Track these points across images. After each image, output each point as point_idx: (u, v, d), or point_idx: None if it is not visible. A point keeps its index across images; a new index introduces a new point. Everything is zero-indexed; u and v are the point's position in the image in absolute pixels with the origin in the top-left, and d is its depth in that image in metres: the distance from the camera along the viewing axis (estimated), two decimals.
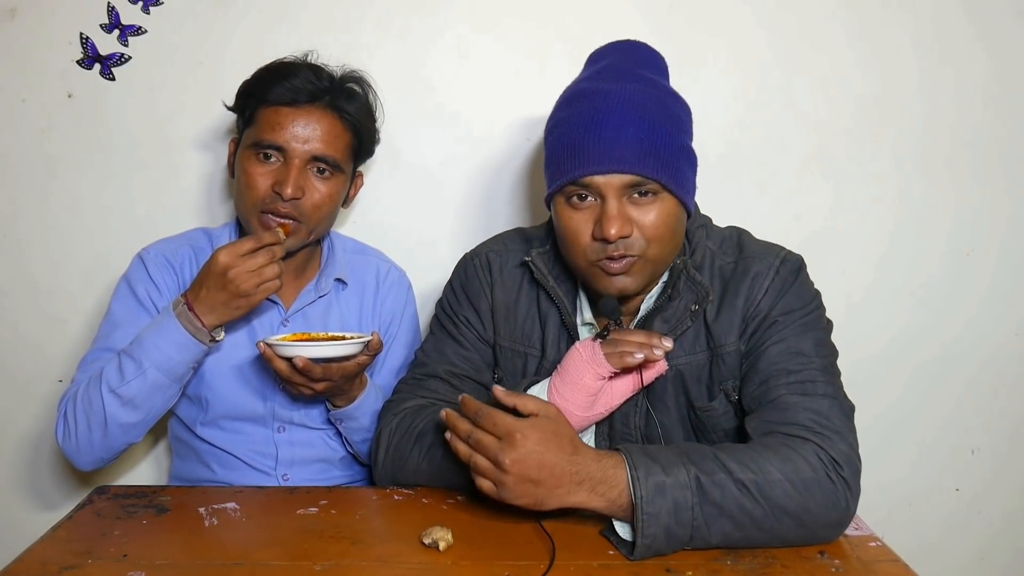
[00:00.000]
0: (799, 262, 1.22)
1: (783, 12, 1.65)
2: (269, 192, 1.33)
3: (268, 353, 1.24)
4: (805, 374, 1.12)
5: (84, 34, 1.61)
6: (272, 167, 1.34)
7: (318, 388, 1.27)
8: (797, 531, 1.00)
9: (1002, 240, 1.74)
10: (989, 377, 1.79)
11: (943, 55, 1.67)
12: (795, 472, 1.00)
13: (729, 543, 1.00)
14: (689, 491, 0.97)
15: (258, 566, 0.97)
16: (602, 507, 1.00)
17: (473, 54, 1.66)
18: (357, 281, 1.51)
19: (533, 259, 1.26)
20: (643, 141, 1.10)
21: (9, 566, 0.97)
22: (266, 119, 1.34)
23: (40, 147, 1.65)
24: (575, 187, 1.13)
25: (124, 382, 1.25)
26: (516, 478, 0.98)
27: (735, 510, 0.98)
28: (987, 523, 1.84)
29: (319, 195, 1.36)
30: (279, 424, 1.44)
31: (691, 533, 0.97)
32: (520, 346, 1.29)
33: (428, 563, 0.98)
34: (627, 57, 1.21)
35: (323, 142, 1.34)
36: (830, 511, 1.01)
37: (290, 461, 1.45)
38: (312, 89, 1.34)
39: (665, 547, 0.97)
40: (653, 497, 0.96)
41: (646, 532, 0.96)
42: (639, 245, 1.13)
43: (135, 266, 1.43)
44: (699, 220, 1.26)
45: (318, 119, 1.34)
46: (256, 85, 1.37)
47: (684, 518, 0.97)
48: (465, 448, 1.02)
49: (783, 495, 0.99)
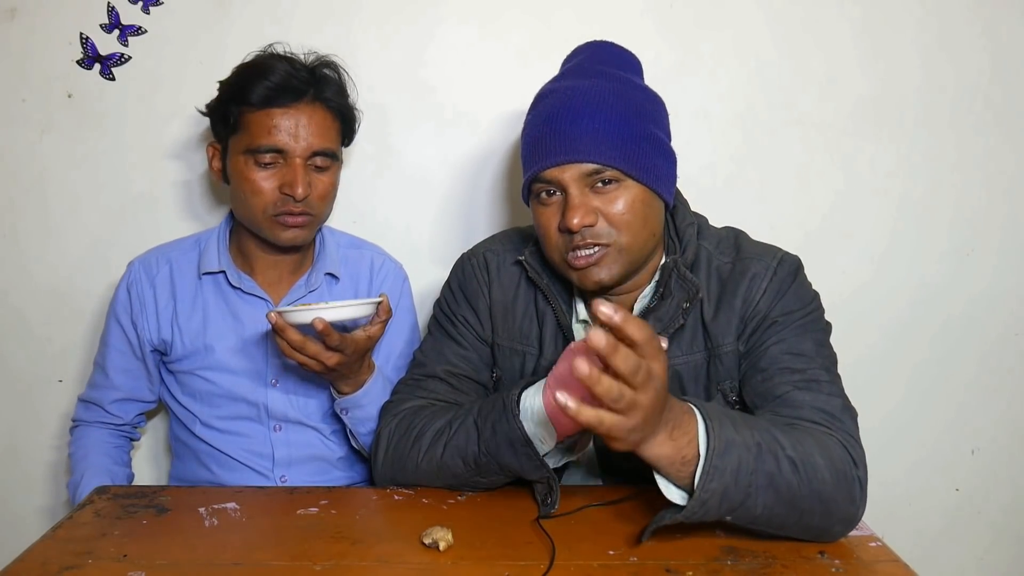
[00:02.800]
0: (797, 263, 1.22)
1: (785, 10, 1.65)
2: (277, 195, 1.34)
3: (280, 323, 1.18)
4: (810, 373, 1.12)
5: (84, 34, 1.61)
6: (273, 170, 1.34)
7: (331, 362, 1.23)
8: (820, 520, 1.00)
9: (1002, 240, 1.74)
10: (989, 377, 1.79)
11: (943, 55, 1.67)
12: (831, 461, 1.00)
13: (763, 520, 0.98)
14: (751, 455, 0.95)
15: (258, 566, 0.97)
16: (667, 454, 0.92)
17: (473, 53, 1.65)
18: (350, 274, 1.50)
19: (527, 258, 1.27)
20: (599, 131, 1.11)
21: (9, 566, 0.97)
22: (257, 123, 1.33)
23: (40, 147, 1.66)
24: (540, 184, 1.16)
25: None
26: (647, 413, 0.86)
27: (782, 485, 0.96)
28: (987, 523, 1.84)
29: (323, 186, 1.37)
30: (275, 423, 1.44)
31: (743, 499, 0.95)
32: (518, 345, 1.29)
33: (428, 563, 0.98)
34: (593, 55, 1.22)
35: (318, 136, 1.35)
36: (849, 506, 1.01)
37: (287, 461, 1.45)
38: (295, 85, 1.33)
39: (717, 508, 0.94)
40: (723, 452, 0.92)
41: (707, 487, 0.92)
42: (606, 234, 1.13)
43: (120, 287, 1.48)
44: (689, 218, 1.25)
45: (309, 115, 1.34)
46: (235, 89, 1.35)
47: (742, 481, 0.94)
48: (596, 373, 0.83)
49: (821, 481, 0.98)
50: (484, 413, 1.14)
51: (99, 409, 1.49)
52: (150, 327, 1.45)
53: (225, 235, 1.47)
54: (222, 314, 1.44)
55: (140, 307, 1.45)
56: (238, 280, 1.43)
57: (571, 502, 1.14)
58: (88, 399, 1.51)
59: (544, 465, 1.10)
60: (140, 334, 1.45)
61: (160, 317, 1.44)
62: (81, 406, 1.52)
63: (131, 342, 1.47)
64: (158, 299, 1.45)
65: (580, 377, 0.81)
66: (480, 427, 1.13)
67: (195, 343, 1.43)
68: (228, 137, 1.38)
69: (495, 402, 1.14)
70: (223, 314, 1.44)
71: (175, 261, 1.47)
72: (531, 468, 1.10)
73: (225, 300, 1.44)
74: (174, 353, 1.45)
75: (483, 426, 1.13)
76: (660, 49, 1.63)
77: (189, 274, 1.46)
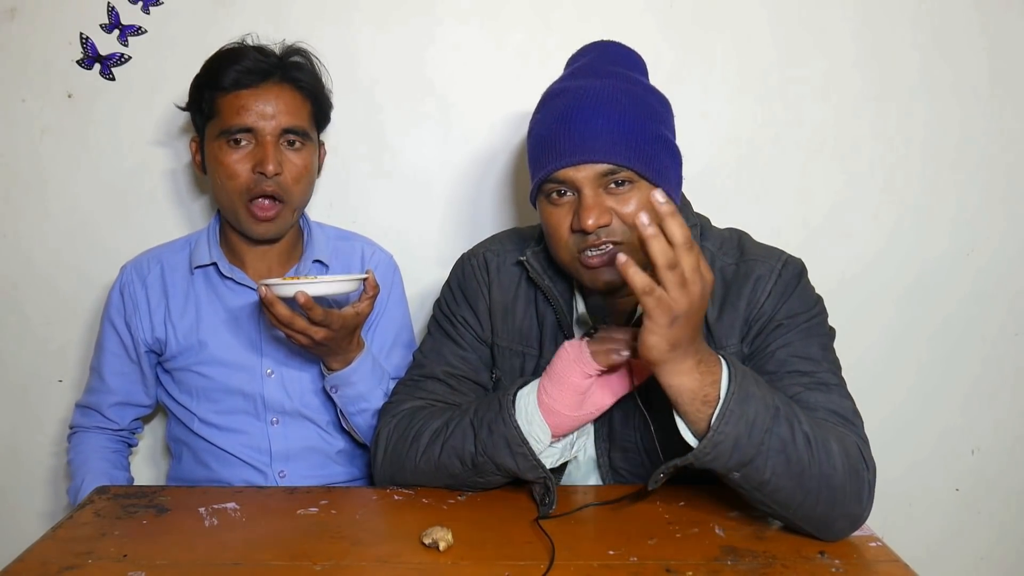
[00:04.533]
0: (801, 266, 1.22)
1: (784, 10, 1.65)
2: (251, 175, 1.36)
3: (270, 296, 1.21)
4: (819, 376, 1.12)
5: (84, 34, 1.61)
6: (245, 151, 1.37)
7: (318, 336, 1.24)
8: (825, 509, 1.00)
9: (1002, 240, 1.74)
10: (989, 377, 1.79)
11: (943, 55, 1.66)
12: (845, 453, 1.01)
13: (769, 489, 0.98)
14: (769, 414, 0.97)
15: (258, 566, 0.97)
16: (690, 387, 0.96)
17: (473, 53, 1.65)
18: (342, 265, 1.51)
19: (528, 258, 1.26)
20: (613, 131, 1.10)
21: (9, 566, 0.97)
22: (228, 105, 1.36)
23: (40, 147, 1.66)
24: (552, 184, 1.14)
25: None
26: (689, 312, 0.91)
27: (793, 456, 0.97)
28: (987, 523, 1.84)
29: (296, 168, 1.39)
30: (273, 415, 1.45)
31: (753, 455, 0.96)
32: (518, 346, 1.29)
33: (428, 563, 0.98)
34: (601, 55, 1.22)
35: (288, 114, 1.37)
36: (855, 504, 1.02)
37: (284, 455, 1.45)
38: (264, 67, 1.37)
39: (727, 456, 0.96)
40: (742, 399, 0.95)
41: (722, 429, 0.94)
42: (620, 233, 1.13)
43: (113, 290, 1.49)
44: (692, 219, 1.25)
45: (276, 94, 1.37)
46: (207, 76, 1.40)
47: (755, 436, 0.96)
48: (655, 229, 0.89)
49: (832, 467, 0.99)
50: (480, 413, 1.14)
51: (97, 414, 1.50)
52: (143, 327, 1.46)
53: (215, 230, 1.49)
54: (215, 309, 1.45)
55: (133, 308, 1.46)
56: (229, 271, 1.44)
57: (571, 502, 1.14)
58: (86, 404, 1.52)
59: (540, 465, 1.10)
60: (134, 335, 1.46)
61: (153, 316, 1.46)
62: (79, 412, 1.53)
63: (126, 345, 1.47)
64: (150, 298, 1.46)
65: (641, 223, 0.88)
66: (476, 427, 1.13)
67: (189, 339, 1.44)
68: (204, 126, 1.41)
69: (491, 402, 1.14)
70: (215, 308, 1.45)
71: (166, 261, 1.49)
72: (527, 468, 1.10)
73: (217, 294, 1.45)
74: (169, 351, 1.45)
75: (479, 426, 1.13)
76: (660, 49, 1.63)
77: (180, 271, 1.48)
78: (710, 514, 1.10)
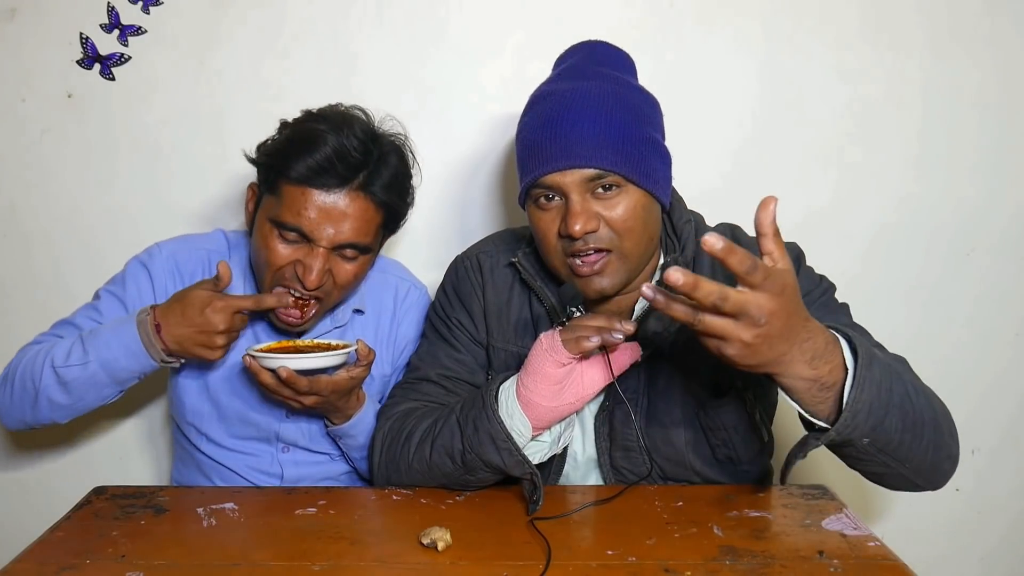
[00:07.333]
0: (797, 250, 1.23)
1: (784, 10, 1.64)
2: (291, 271, 1.25)
3: (254, 366, 1.20)
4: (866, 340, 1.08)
5: (84, 34, 1.62)
6: (294, 248, 1.24)
7: (307, 402, 1.23)
8: (934, 454, 1.04)
9: (1002, 240, 1.74)
10: (989, 377, 1.79)
11: (943, 55, 1.66)
12: (934, 395, 1.06)
13: (894, 445, 1.00)
14: (888, 373, 0.98)
15: (256, 566, 0.97)
16: (808, 377, 0.93)
17: (469, 53, 1.65)
18: (374, 305, 1.44)
19: (520, 260, 1.26)
20: (600, 135, 1.10)
21: (8, 566, 0.97)
22: (290, 198, 1.21)
23: (40, 147, 1.66)
24: (540, 188, 1.14)
25: (67, 364, 1.23)
26: (777, 330, 0.88)
27: (908, 408, 1.00)
28: (987, 523, 1.84)
29: (345, 275, 1.28)
30: (283, 445, 1.42)
31: (883, 415, 0.96)
32: (513, 346, 1.29)
33: (426, 563, 0.98)
34: (587, 56, 1.21)
35: (352, 230, 1.23)
36: (952, 442, 1.07)
37: (295, 480, 1.42)
38: (339, 171, 1.20)
39: (864, 423, 0.95)
40: (869, 363, 0.95)
41: (859, 397, 0.94)
42: (608, 239, 1.12)
43: (135, 267, 1.38)
44: (686, 216, 1.25)
45: (346, 205, 1.22)
46: (278, 157, 1.23)
47: (883, 398, 0.96)
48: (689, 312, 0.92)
49: (933, 411, 1.03)
50: (465, 410, 1.14)
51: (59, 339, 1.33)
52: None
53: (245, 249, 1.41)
54: (246, 341, 1.37)
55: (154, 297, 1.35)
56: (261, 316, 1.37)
57: (569, 502, 1.15)
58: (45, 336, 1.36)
59: (525, 460, 1.10)
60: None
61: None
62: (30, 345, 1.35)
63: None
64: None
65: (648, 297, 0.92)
66: (462, 425, 1.13)
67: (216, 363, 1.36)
68: (264, 192, 1.28)
69: (475, 399, 1.14)
70: (247, 341, 1.37)
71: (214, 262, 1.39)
72: (513, 464, 1.10)
73: (252, 330, 1.38)
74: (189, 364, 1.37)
75: (465, 424, 1.13)
76: (660, 49, 1.63)
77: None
78: (708, 514, 1.10)
